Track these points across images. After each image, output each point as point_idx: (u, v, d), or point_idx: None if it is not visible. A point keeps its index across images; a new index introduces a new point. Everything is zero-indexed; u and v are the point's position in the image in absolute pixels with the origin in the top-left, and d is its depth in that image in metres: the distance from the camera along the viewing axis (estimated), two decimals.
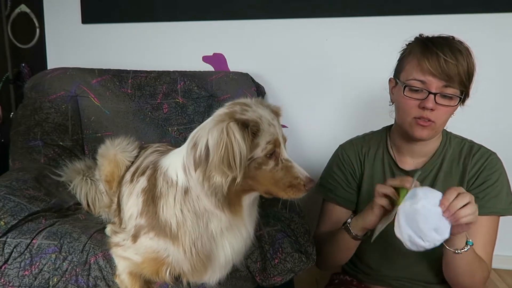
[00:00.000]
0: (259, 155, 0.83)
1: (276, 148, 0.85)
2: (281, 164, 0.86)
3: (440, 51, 1.04)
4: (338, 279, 1.38)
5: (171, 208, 0.91)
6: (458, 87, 1.06)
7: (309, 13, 1.98)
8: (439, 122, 1.09)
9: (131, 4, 2.08)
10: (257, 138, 0.83)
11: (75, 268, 1.05)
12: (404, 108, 1.11)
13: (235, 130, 0.79)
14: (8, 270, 1.05)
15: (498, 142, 1.25)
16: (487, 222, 1.12)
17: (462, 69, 1.05)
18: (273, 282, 1.14)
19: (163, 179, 0.95)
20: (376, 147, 1.27)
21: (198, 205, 0.89)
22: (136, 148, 1.29)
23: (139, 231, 0.98)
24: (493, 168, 1.14)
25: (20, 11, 2.11)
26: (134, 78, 1.82)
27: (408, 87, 1.09)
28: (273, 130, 0.86)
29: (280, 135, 0.87)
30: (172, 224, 0.92)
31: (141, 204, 0.99)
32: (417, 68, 1.07)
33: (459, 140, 1.22)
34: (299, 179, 0.86)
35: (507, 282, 1.96)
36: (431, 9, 1.89)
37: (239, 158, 0.79)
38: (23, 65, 2.16)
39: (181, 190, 0.90)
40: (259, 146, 0.83)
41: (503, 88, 1.94)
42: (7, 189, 1.24)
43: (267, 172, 0.85)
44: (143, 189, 1.02)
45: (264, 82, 2.01)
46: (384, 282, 1.26)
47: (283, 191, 0.86)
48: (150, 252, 0.97)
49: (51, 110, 1.68)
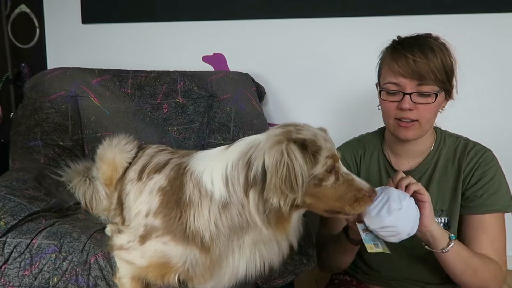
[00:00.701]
0: (320, 171, 0.82)
1: (335, 162, 0.84)
2: (342, 178, 0.85)
3: (408, 53, 1.06)
4: (338, 279, 1.38)
5: (205, 220, 0.88)
6: (434, 84, 1.07)
7: (309, 13, 1.98)
8: (423, 120, 1.09)
9: (131, 4, 2.08)
10: (317, 155, 0.82)
11: (75, 268, 1.05)
12: (385, 111, 1.14)
13: (295, 151, 0.78)
14: (8, 270, 1.05)
15: (498, 142, 1.25)
16: (490, 220, 1.11)
17: (435, 65, 1.05)
18: (273, 284, 1.14)
19: (193, 186, 0.91)
20: (371, 149, 1.28)
21: (239, 220, 0.86)
22: (135, 148, 1.27)
23: (150, 233, 0.95)
24: (488, 165, 1.14)
25: (20, 11, 2.11)
26: (134, 78, 1.82)
27: (384, 91, 1.12)
28: (330, 146, 0.86)
29: (335, 149, 0.87)
30: (204, 236, 0.88)
31: (158, 204, 0.96)
32: (389, 72, 1.10)
33: (454, 138, 1.21)
34: (363, 191, 0.85)
35: (507, 282, 1.95)
36: (431, 9, 1.89)
37: (301, 179, 0.77)
38: (23, 65, 2.17)
39: (218, 204, 0.87)
40: (320, 163, 0.82)
41: (503, 88, 1.94)
42: (7, 189, 1.24)
43: (327, 189, 0.83)
44: (161, 188, 0.98)
45: (264, 82, 2.01)
46: (383, 282, 1.27)
47: (349, 205, 0.85)
48: (159, 257, 0.93)
49: (51, 110, 1.68)
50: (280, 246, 0.93)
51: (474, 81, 1.86)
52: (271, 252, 0.93)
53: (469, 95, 1.77)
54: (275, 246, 0.92)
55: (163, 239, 0.92)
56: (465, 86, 1.20)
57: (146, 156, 1.20)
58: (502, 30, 1.88)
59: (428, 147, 1.19)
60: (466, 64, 1.19)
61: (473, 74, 1.84)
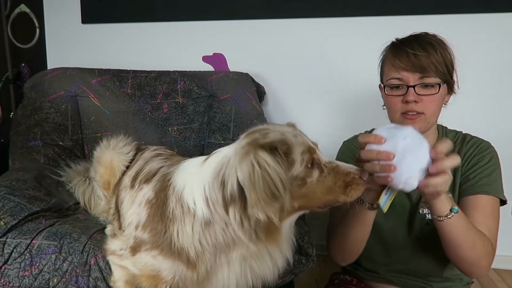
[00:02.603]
0: (300, 169, 0.77)
1: (313, 155, 0.79)
2: (326, 169, 0.80)
3: (409, 48, 1.09)
4: (338, 279, 1.38)
5: (189, 237, 0.85)
6: (436, 76, 1.09)
7: (309, 13, 1.98)
8: (428, 112, 1.10)
9: (131, 4, 2.08)
10: (291, 154, 0.77)
11: (75, 269, 1.05)
12: (391, 106, 1.15)
13: (266, 158, 0.73)
14: (8, 270, 1.05)
15: (498, 142, 1.25)
16: (484, 200, 1.12)
17: (435, 59, 1.08)
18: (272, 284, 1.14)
19: (176, 201, 0.88)
20: None
21: (224, 237, 0.83)
22: (133, 150, 1.26)
23: (139, 245, 0.94)
24: (485, 152, 1.16)
25: (20, 11, 2.11)
26: (134, 78, 1.82)
27: (388, 86, 1.14)
28: (302, 140, 0.81)
29: (310, 142, 0.83)
30: (190, 252, 0.86)
31: (145, 217, 0.94)
32: (392, 68, 1.13)
33: (453, 133, 1.25)
34: (351, 174, 0.80)
35: (507, 282, 1.96)
36: (431, 9, 1.89)
37: (280, 183, 0.73)
38: (23, 65, 2.17)
39: (201, 222, 0.84)
40: (296, 161, 0.77)
41: (503, 88, 1.94)
42: (7, 189, 1.24)
43: (314, 185, 0.79)
44: (148, 201, 0.96)
45: (264, 82, 2.01)
46: (385, 279, 1.27)
47: (343, 194, 0.80)
48: (150, 270, 0.92)
49: (51, 110, 1.68)
50: (273, 260, 0.88)
51: (474, 81, 1.86)
52: (264, 267, 0.88)
53: (469, 95, 1.76)
54: (268, 261, 0.87)
55: (152, 253, 0.91)
56: (465, 86, 1.21)
57: (142, 160, 1.19)
58: (502, 30, 1.88)
59: (431, 142, 1.19)
60: (466, 64, 1.20)
61: (473, 74, 1.84)
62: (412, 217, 1.20)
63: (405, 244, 1.22)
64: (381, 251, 1.25)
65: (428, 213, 1.18)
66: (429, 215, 1.18)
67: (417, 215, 1.19)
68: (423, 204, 1.19)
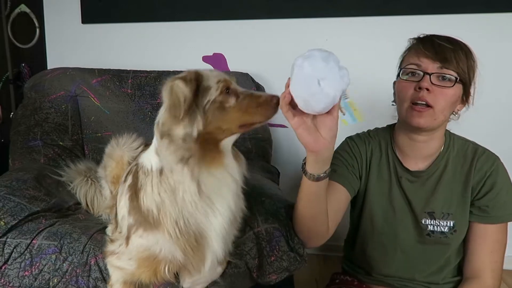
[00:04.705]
0: (215, 94, 0.88)
1: (230, 85, 0.90)
2: (242, 95, 0.90)
3: (436, 39, 1.09)
4: (339, 279, 1.38)
5: (150, 195, 0.91)
6: (455, 70, 1.06)
7: (309, 13, 1.98)
8: (437, 107, 1.07)
9: (131, 4, 2.08)
10: (203, 82, 0.88)
11: (76, 269, 1.05)
12: (401, 94, 1.12)
13: (178, 82, 0.86)
14: (8, 270, 1.05)
15: (499, 142, 1.25)
16: (493, 230, 1.13)
17: (459, 56, 1.07)
18: (267, 279, 1.14)
19: (141, 172, 0.95)
20: (382, 145, 1.25)
21: (173, 178, 0.88)
22: (141, 146, 1.28)
23: (130, 231, 0.97)
24: (498, 175, 1.13)
25: (20, 11, 2.11)
26: (134, 78, 1.82)
27: (404, 73, 1.12)
28: (217, 73, 0.91)
29: (227, 77, 0.92)
30: (153, 211, 0.90)
31: (128, 202, 0.98)
32: (414, 53, 1.11)
33: (462, 142, 1.20)
34: (262, 97, 0.92)
35: (507, 282, 1.96)
36: (431, 9, 1.89)
37: (183, 97, 0.84)
38: (23, 65, 2.17)
39: (157, 173, 0.91)
40: (212, 88, 0.88)
41: (503, 88, 1.94)
42: (7, 189, 1.24)
43: (232, 108, 0.89)
44: (128, 186, 1.01)
45: (264, 82, 2.01)
46: (385, 282, 1.26)
47: (256, 114, 0.90)
48: (141, 251, 0.94)
49: (51, 110, 1.68)
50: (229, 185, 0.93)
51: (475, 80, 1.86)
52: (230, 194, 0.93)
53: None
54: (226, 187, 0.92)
55: (138, 233, 0.94)
56: None
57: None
58: (502, 30, 1.88)
59: (437, 149, 1.18)
60: None
61: None
62: (414, 225, 1.19)
63: (405, 250, 1.20)
64: (381, 255, 1.24)
65: (430, 224, 1.17)
66: (431, 227, 1.17)
67: (420, 225, 1.18)
68: (426, 214, 1.17)
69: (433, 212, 1.17)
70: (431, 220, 1.17)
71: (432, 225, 1.16)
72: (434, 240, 1.17)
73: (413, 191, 1.19)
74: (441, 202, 1.16)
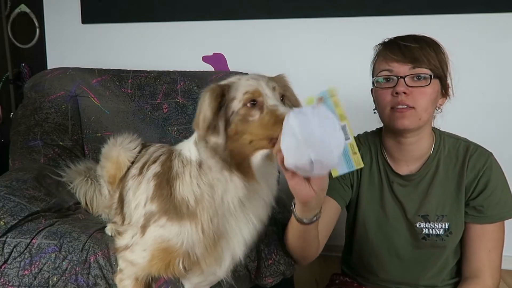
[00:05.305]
0: (238, 106, 0.86)
1: (257, 98, 0.86)
2: (266, 110, 0.86)
3: (400, 41, 1.09)
4: (338, 279, 1.37)
5: (188, 185, 0.92)
6: (428, 67, 1.06)
7: (309, 13, 1.98)
8: (419, 106, 1.06)
9: (131, 4, 2.08)
10: (230, 92, 0.88)
11: (75, 267, 1.05)
12: (380, 101, 1.12)
13: (206, 97, 0.87)
14: (8, 269, 1.05)
15: (496, 142, 1.25)
16: (490, 230, 1.12)
17: (428, 52, 1.06)
18: (264, 282, 1.14)
19: (178, 160, 0.97)
20: (372, 150, 1.25)
21: (211, 175, 0.90)
22: (139, 146, 1.28)
23: (149, 220, 0.97)
24: (492, 173, 1.11)
25: (20, 11, 2.11)
26: (134, 78, 1.82)
27: (378, 81, 1.12)
28: (253, 83, 0.89)
29: (264, 87, 0.88)
30: (190, 201, 0.92)
31: (152, 189, 0.99)
32: (382, 60, 1.11)
33: (454, 140, 1.18)
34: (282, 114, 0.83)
35: (507, 282, 1.96)
36: (431, 9, 1.90)
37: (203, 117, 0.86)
38: (23, 65, 2.17)
39: (196, 165, 0.92)
40: (236, 99, 0.87)
41: (502, 88, 1.94)
42: (7, 189, 1.24)
43: (254, 122, 0.87)
44: (155, 174, 1.02)
45: None
46: (383, 286, 1.25)
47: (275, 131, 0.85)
48: (159, 242, 0.95)
49: (51, 110, 1.68)
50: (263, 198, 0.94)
51: (473, 81, 1.86)
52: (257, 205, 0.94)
53: (468, 95, 1.77)
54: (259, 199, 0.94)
55: (160, 222, 0.95)
56: (463, 86, 1.19)
57: (148, 154, 1.21)
58: (502, 30, 1.88)
59: (427, 150, 1.16)
60: (465, 64, 1.19)
61: (472, 74, 1.84)
62: (408, 230, 1.18)
63: (402, 255, 1.20)
64: (378, 262, 1.23)
65: (425, 227, 1.16)
66: (426, 230, 1.16)
67: (414, 229, 1.17)
68: (420, 218, 1.16)
69: (427, 215, 1.15)
70: (426, 223, 1.16)
71: (427, 228, 1.15)
72: (430, 243, 1.16)
73: (406, 195, 1.17)
74: (434, 204, 1.15)
